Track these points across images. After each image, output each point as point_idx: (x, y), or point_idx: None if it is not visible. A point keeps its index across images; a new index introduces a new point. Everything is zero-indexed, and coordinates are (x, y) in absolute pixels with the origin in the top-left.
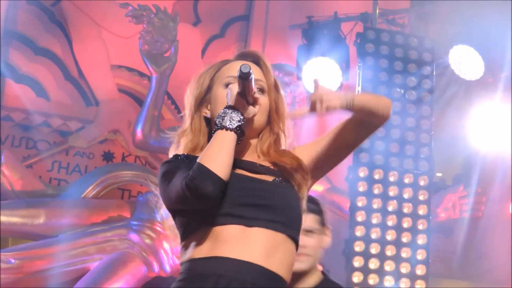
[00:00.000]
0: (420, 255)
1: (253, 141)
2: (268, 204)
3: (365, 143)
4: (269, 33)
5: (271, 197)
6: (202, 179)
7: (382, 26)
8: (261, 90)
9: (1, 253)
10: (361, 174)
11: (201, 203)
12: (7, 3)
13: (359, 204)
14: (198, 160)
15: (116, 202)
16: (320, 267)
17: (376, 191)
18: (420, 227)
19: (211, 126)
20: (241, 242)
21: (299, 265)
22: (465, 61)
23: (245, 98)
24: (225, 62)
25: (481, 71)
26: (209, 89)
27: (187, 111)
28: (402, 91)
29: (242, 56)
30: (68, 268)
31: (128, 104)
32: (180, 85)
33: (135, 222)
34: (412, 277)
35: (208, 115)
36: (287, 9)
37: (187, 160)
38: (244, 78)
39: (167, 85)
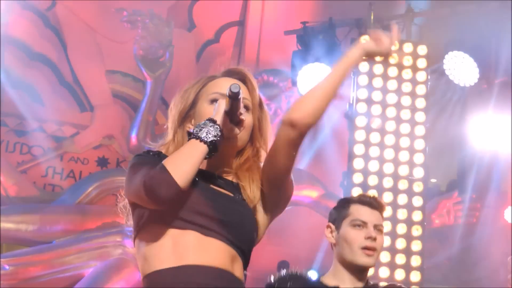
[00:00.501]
0: (415, 261)
1: (232, 158)
2: (225, 220)
3: (360, 149)
4: (264, 38)
5: (229, 213)
6: (159, 181)
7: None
8: (246, 108)
9: None
10: (356, 180)
11: (153, 204)
12: (2, 8)
13: None
14: (163, 162)
15: (111, 208)
16: None
17: None
18: (415, 233)
19: None
20: (203, 249)
21: (371, 260)
22: (459, 67)
23: (230, 117)
24: (212, 78)
25: (475, 77)
26: (193, 104)
27: (170, 124)
28: (397, 97)
29: (229, 73)
30: (63, 275)
31: (122, 109)
32: (175, 90)
33: (129, 228)
34: (407, 283)
35: (192, 130)
36: (282, 15)
37: (158, 158)
38: (233, 98)
39: (162, 90)
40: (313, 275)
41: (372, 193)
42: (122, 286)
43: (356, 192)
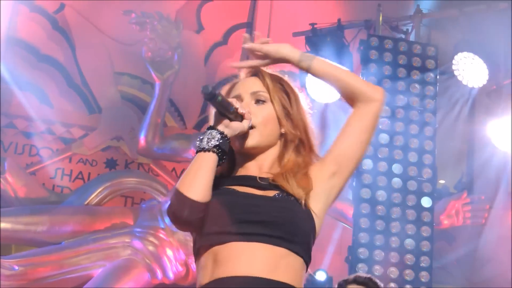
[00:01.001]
0: (424, 262)
1: (262, 156)
2: (266, 220)
3: (369, 150)
4: (272, 40)
5: (269, 212)
6: (178, 205)
7: (385, 33)
8: (262, 101)
9: (5, 260)
10: (365, 181)
11: (183, 228)
12: (10, 10)
13: (363, 210)
14: (175, 185)
15: (119, 209)
16: None
17: (379, 198)
18: (423, 234)
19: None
20: (241, 258)
21: None
22: (468, 68)
23: (225, 116)
24: (234, 83)
25: (484, 78)
26: None
27: None
28: (406, 98)
29: (249, 74)
30: (71, 275)
31: (131, 111)
32: (183, 92)
33: (138, 229)
34: (416, 284)
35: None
36: (291, 16)
37: None
38: (208, 99)
39: (170, 92)
40: (321, 276)
41: (381, 193)
42: (131, 286)
43: (365, 193)
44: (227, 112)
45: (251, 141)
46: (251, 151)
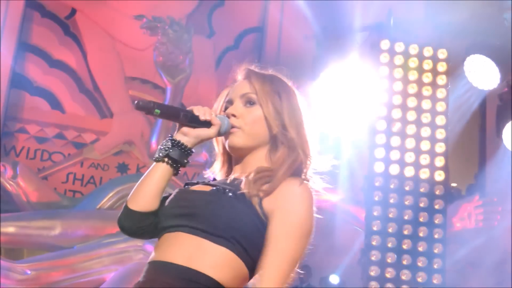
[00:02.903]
0: (436, 264)
1: (249, 157)
2: (189, 213)
3: (381, 153)
4: (283, 44)
5: (196, 206)
6: (120, 215)
7: (396, 36)
8: (251, 103)
9: (17, 265)
10: (377, 184)
11: (126, 234)
12: (21, 16)
13: (375, 213)
14: None
15: None
16: None
17: (391, 201)
18: (436, 236)
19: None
20: (163, 247)
21: None
22: (480, 70)
23: (184, 125)
24: (231, 87)
25: (496, 80)
26: None
27: None
28: (417, 100)
29: (242, 76)
30: (84, 279)
31: (142, 115)
32: (194, 96)
33: None
34: (428, 286)
35: None
36: (301, 20)
37: None
38: (149, 112)
39: (181, 97)
40: (334, 279)
41: (393, 196)
42: None
43: (377, 196)
44: (181, 121)
45: (234, 142)
46: (237, 152)
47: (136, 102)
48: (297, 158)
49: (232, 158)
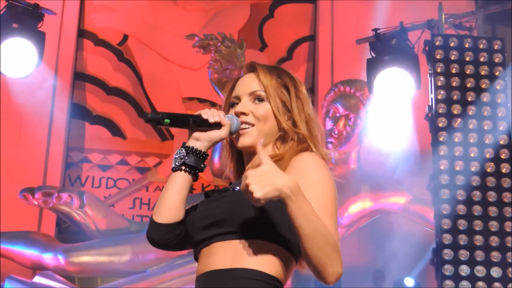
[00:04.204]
0: (510, 258)
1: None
2: (216, 221)
3: (444, 150)
4: (336, 50)
5: (219, 212)
6: (148, 229)
7: (449, 31)
8: (260, 99)
9: None
10: (443, 182)
11: (157, 247)
12: (75, 46)
13: (444, 211)
14: None
15: None
16: None
17: (459, 197)
18: (508, 229)
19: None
20: (206, 259)
21: None
22: None
23: (194, 130)
24: (236, 81)
25: None
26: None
27: None
28: (476, 94)
29: (245, 70)
30: None
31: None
32: None
33: None
34: (505, 280)
35: None
36: (353, 25)
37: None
38: (158, 124)
39: None
40: (409, 282)
41: (460, 192)
42: None
43: (444, 193)
44: (191, 126)
45: (245, 140)
46: (249, 150)
47: (144, 115)
48: (307, 149)
49: (244, 156)
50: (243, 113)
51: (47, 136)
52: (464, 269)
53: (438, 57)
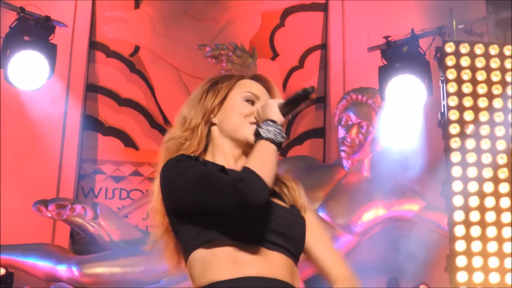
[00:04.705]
0: None
1: (245, 150)
2: (286, 233)
3: (457, 157)
4: (348, 58)
5: (289, 227)
6: (254, 184)
7: (460, 37)
8: None
9: None
10: (456, 188)
11: (243, 209)
12: (87, 58)
13: (457, 218)
14: (249, 166)
15: None
16: None
17: (472, 204)
18: None
19: (211, 133)
20: (264, 262)
21: None
22: None
23: (285, 115)
24: (241, 77)
25: None
26: (223, 99)
27: (190, 118)
28: (488, 100)
29: (256, 78)
30: None
31: None
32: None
33: None
34: (502, 285)
35: (215, 121)
36: (364, 32)
37: (200, 162)
38: (306, 98)
39: None
40: None
41: (474, 199)
42: None
43: (457, 200)
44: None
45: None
46: (246, 143)
47: (312, 87)
48: None
49: (226, 140)
50: None
51: (60, 148)
52: (478, 276)
53: (449, 63)
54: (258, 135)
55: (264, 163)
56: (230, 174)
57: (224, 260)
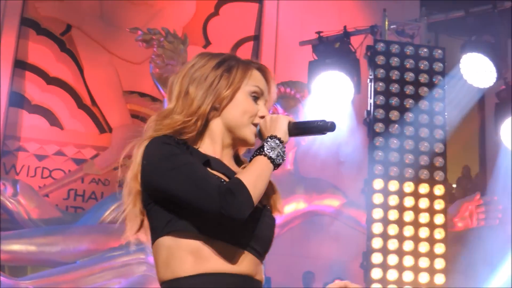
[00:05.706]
0: (439, 264)
1: (235, 150)
2: (258, 234)
3: (380, 155)
4: (279, 51)
5: (261, 227)
6: (241, 199)
7: (391, 38)
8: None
9: (20, 281)
10: (377, 187)
11: (227, 220)
12: (17, 34)
13: (376, 216)
14: (240, 178)
15: None
16: None
17: (392, 203)
18: (437, 236)
19: (209, 115)
20: (228, 259)
21: None
22: (476, 69)
23: (291, 136)
24: (251, 66)
25: (493, 78)
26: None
27: (203, 102)
28: (414, 101)
29: (261, 70)
30: None
31: (141, 129)
32: None
33: None
34: (432, 286)
35: (218, 107)
36: (297, 27)
37: (187, 150)
38: (321, 132)
39: None
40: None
41: (394, 198)
42: None
43: (377, 198)
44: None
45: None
46: (247, 145)
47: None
48: None
49: (225, 134)
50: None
51: None
52: (392, 273)
53: (379, 62)
54: (261, 149)
55: (258, 181)
56: (214, 167)
57: (187, 253)
